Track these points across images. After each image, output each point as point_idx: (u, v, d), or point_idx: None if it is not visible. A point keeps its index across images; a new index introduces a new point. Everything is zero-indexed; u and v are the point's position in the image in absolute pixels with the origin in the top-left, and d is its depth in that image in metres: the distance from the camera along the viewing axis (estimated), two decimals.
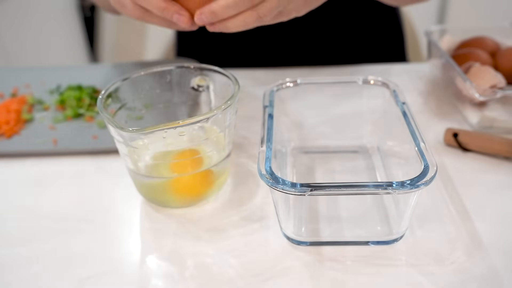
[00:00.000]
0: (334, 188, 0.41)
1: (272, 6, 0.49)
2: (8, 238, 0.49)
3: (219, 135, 0.49)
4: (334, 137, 0.60)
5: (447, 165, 0.57)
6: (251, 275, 0.44)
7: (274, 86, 0.56)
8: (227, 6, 0.49)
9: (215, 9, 0.49)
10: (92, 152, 0.61)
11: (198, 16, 0.50)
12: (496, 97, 0.60)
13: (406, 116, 0.50)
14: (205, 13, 0.50)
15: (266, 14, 0.50)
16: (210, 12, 0.49)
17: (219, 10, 0.49)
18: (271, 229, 0.49)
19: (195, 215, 0.51)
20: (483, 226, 0.48)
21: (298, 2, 0.52)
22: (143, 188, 0.52)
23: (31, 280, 0.44)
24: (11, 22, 1.67)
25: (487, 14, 1.85)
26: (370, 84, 0.56)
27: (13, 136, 0.64)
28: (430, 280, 0.42)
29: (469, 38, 0.74)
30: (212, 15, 0.49)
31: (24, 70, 0.81)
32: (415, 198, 0.43)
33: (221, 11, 0.49)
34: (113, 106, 0.52)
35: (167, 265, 0.45)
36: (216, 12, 0.49)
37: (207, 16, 0.50)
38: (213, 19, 0.50)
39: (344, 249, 0.46)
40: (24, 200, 0.54)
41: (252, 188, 0.54)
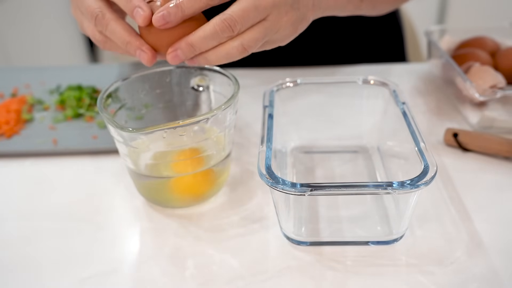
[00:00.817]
0: (334, 188, 0.41)
1: (258, 36, 0.44)
2: (8, 238, 0.49)
3: (219, 135, 0.49)
4: (334, 137, 0.60)
5: (447, 165, 0.57)
6: (251, 275, 0.44)
7: (274, 86, 0.56)
8: (205, 37, 0.43)
9: (192, 41, 0.43)
10: (92, 152, 0.61)
11: (172, 53, 0.44)
12: (496, 97, 0.60)
13: (406, 116, 0.50)
14: (182, 47, 0.44)
15: (251, 45, 0.45)
16: (187, 45, 0.44)
17: (198, 42, 0.43)
18: (271, 229, 0.49)
19: (195, 215, 0.51)
20: (483, 226, 0.48)
21: (284, 32, 0.47)
22: (143, 188, 0.52)
23: (31, 280, 0.44)
24: (11, 22, 1.67)
25: (487, 14, 1.85)
26: (370, 84, 0.56)
27: (13, 136, 0.64)
28: (430, 280, 0.42)
29: (469, 38, 0.74)
30: (189, 48, 0.44)
31: (24, 70, 0.81)
32: (415, 198, 0.43)
33: (199, 42, 0.43)
34: (113, 106, 0.52)
35: (167, 265, 0.45)
36: (194, 45, 0.44)
37: (184, 50, 0.44)
38: (191, 52, 0.44)
39: (344, 249, 0.46)
40: (24, 200, 0.54)
41: (252, 188, 0.54)
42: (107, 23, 0.46)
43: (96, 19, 0.46)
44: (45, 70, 0.81)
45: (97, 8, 0.46)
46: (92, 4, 0.46)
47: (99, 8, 0.46)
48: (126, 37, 0.45)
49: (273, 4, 0.44)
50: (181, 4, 0.43)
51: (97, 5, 0.46)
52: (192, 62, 0.46)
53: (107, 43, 0.48)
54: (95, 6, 0.46)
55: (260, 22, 0.44)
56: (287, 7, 0.45)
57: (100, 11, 0.46)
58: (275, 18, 0.45)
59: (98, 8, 0.46)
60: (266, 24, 0.44)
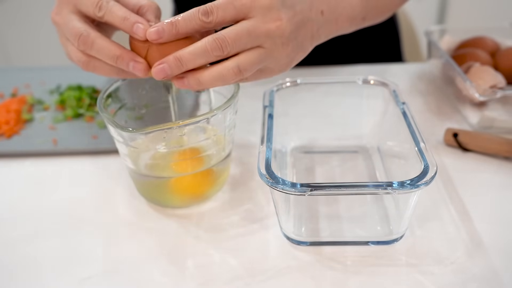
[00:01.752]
0: (334, 188, 0.41)
1: (253, 60, 0.43)
2: (8, 238, 0.49)
3: (219, 135, 0.49)
4: (334, 137, 0.60)
5: (447, 165, 0.57)
6: (251, 275, 0.44)
7: (274, 86, 0.56)
8: (195, 53, 0.42)
9: (181, 55, 0.42)
10: (92, 152, 0.61)
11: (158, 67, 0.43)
12: (496, 97, 0.60)
13: (406, 116, 0.50)
14: (169, 61, 0.42)
15: (246, 68, 0.43)
16: (175, 59, 0.42)
17: (186, 56, 0.42)
18: (271, 229, 0.49)
19: (195, 215, 0.51)
20: (483, 226, 0.48)
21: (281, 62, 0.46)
22: (143, 188, 0.52)
23: (31, 280, 0.44)
24: (11, 22, 1.67)
25: (487, 14, 1.85)
26: (370, 84, 0.56)
27: (13, 136, 0.64)
28: (430, 280, 0.42)
29: (469, 38, 0.74)
30: (177, 62, 0.42)
31: (24, 70, 0.81)
32: (415, 198, 0.43)
33: (187, 58, 0.42)
34: (113, 106, 0.52)
35: (167, 265, 0.45)
36: (182, 59, 0.42)
37: (171, 64, 0.42)
38: (178, 68, 0.43)
39: (344, 249, 0.46)
40: (24, 200, 0.54)
41: (252, 188, 0.54)
42: (92, 41, 0.45)
43: (80, 38, 0.45)
44: (45, 70, 0.81)
45: (82, 28, 0.45)
46: (76, 25, 0.45)
47: (84, 28, 0.45)
48: (116, 51, 0.44)
49: (266, 34, 0.43)
50: (176, 22, 0.43)
51: (81, 25, 0.45)
52: (181, 83, 0.44)
53: (90, 63, 0.47)
54: (79, 26, 0.45)
55: (255, 48, 0.44)
56: (283, 39, 0.44)
57: (85, 30, 0.45)
58: (270, 47, 0.44)
59: (82, 28, 0.45)
60: (261, 51, 0.44)
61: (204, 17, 0.42)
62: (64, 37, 0.48)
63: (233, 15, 0.43)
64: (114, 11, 0.44)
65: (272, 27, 0.43)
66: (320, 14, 0.49)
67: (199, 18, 0.42)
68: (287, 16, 0.44)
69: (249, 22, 0.43)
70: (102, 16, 0.45)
